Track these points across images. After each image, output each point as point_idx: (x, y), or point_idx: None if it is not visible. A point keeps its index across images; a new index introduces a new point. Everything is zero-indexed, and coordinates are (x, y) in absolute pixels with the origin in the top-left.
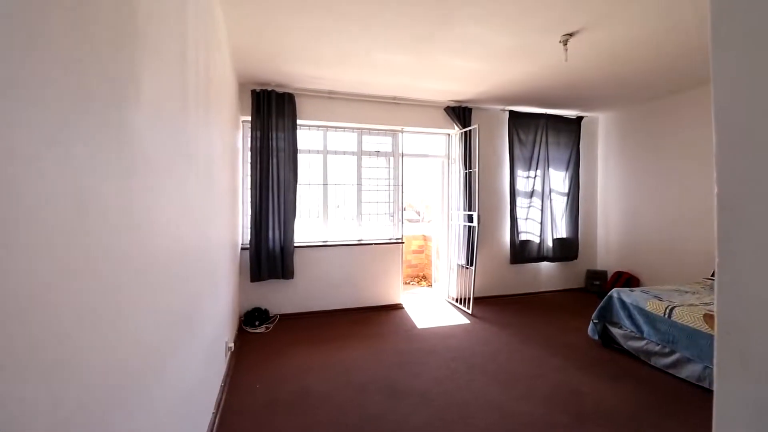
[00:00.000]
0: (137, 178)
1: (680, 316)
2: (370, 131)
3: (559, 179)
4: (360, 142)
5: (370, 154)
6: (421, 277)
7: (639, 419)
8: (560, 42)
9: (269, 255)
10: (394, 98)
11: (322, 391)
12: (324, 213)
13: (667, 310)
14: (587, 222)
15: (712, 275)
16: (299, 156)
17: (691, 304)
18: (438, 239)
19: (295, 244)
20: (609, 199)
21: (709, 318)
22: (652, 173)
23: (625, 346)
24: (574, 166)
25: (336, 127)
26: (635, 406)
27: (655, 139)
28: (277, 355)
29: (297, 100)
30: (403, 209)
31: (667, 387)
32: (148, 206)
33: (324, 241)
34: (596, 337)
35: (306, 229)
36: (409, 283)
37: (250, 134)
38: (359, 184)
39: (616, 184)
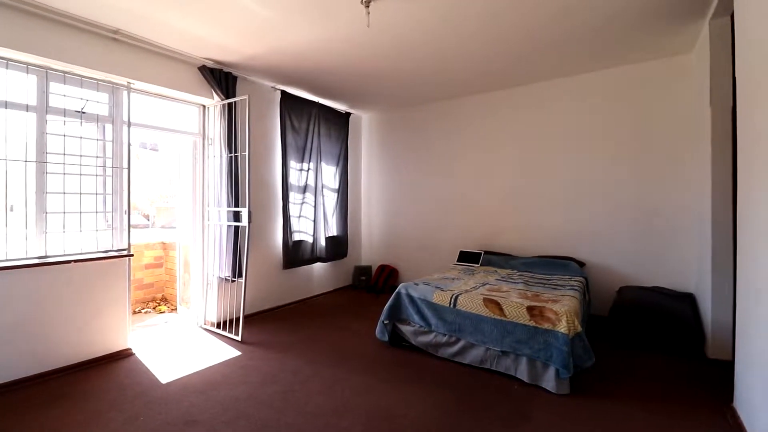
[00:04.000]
0: None
1: (464, 304)
2: (66, 76)
3: (330, 174)
4: (45, 92)
5: (65, 113)
6: (160, 300)
7: (458, 421)
8: (362, 2)
9: None
10: (117, 31)
11: None
12: None
13: (452, 300)
14: (354, 219)
15: (458, 261)
16: None
17: (466, 291)
18: (187, 246)
19: None
20: (372, 197)
21: (489, 302)
22: (408, 174)
23: (414, 343)
24: (343, 162)
25: None
26: (446, 408)
27: (411, 144)
28: None
29: None
30: (129, 207)
31: (460, 376)
32: None
33: None
34: (386, 338)
35: None
36: (141, 312)
37: None
38: (43, 162)
39: (378, 182)
